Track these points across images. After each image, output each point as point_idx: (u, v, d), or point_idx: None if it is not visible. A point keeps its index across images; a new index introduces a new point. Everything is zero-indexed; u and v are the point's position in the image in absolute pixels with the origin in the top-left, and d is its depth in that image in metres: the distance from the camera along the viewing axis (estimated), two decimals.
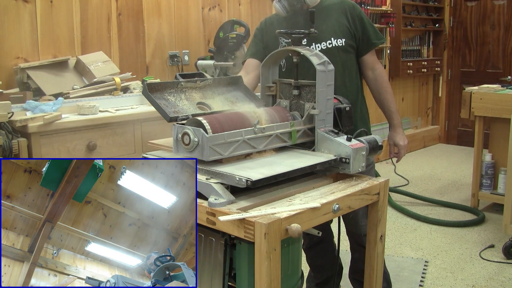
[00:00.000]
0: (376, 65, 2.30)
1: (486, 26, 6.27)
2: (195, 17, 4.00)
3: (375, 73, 2.30)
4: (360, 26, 2.22)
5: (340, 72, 2.21)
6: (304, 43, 2.21)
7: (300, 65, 1.97)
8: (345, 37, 2.21)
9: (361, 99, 2.34)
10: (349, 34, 2.22)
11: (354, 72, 2.29)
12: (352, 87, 2.28)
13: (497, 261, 3.20)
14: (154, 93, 1.76)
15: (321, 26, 2.21)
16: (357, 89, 2.31)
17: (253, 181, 1.46)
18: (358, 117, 2.28)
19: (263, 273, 1.38)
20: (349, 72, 2.26)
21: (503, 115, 3.74)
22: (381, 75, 2.30)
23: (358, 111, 2.30)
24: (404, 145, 2.35)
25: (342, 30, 2.21)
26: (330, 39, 2.21)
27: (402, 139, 2.34)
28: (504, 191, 3.76)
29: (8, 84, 2.97)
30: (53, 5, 3.19)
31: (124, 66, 3.54)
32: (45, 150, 2.46)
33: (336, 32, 2.21)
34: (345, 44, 2.22)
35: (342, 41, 2.21)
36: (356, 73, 2.30)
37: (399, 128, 2.34)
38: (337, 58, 2.20)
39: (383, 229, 1.83)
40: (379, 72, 2.30)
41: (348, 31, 2.22)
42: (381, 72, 2.30)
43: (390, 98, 2.31)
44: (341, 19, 2.21)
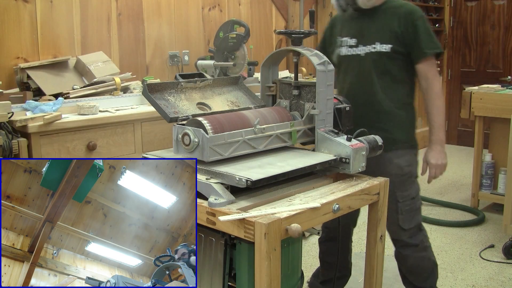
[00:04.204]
0: (429, 74, 2.18)
1: (486, 26, 6.27)
2: (195, 17, 4.00)
3: (426, 83, 2.20)
4: (413, 33, 2.13)
5: (379, 78, 2.19)
6: (353, 43, 2.22)
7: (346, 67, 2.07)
8: (392, 43, 2.15)
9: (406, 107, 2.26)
10: (398, 41, 2.15)
11: (399, 79, 2.22)
12: (392, 94, 2.21)
13: (497, 261, 3.20)
14: (154, 94, 1.76)
15: (370, 29, 2.19)
16: (400, 97, 2.24)
17: (253, 181, 1.46)
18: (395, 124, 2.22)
19: (263, 273, 1.38)
20: (391, 79, 2.20)
21: (503, 115, 3.74)
22: (430, 86, 2.19)
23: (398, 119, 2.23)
24: (436, 164, 2.21)
25: (390, 36, 2.15)
26: (375, 43, 2.17)
27: (435, 158, 2.21)
28: (504, 191, 3.75)
29: (8, 84, 2.97)
30: (53, 5, 3.18)
31: (124, 66, 3.54)
32: (45, 150, 2.46)
33: (383, 37, 2.16)
34: (391, 50, 2.15)
35: (388, 47, 2.15)
36: (402, 81, 2.23)
37: (435, 145, 2.22)
38: (378, 63, 2.18)
39: (383, 229, 1.83)
40: (429, 83, 2.19)
41: (397, 37, 2.15)
42: (431, 83, 2.19)
43: (434, 112, 2.21)
44: (392, 24, 2.15)
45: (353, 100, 2.18)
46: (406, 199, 2.26)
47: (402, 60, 2.19)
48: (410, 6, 2.19)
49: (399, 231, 2.31)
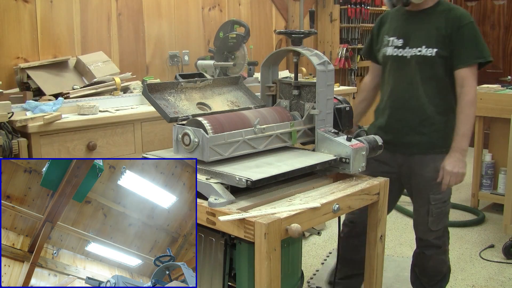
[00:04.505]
0: (465, 82, 2.12)
1: (486, 26, 6.26)
2: (195, 17, 4.00)
3: (460, 90, 2.14)
4: (458, 39, 2.11)
5: (423, 82, 2.18)
6: (400, 44, 2.22)
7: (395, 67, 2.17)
8: (438, 47, 2.13)
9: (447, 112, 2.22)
10: (444, 45, 2.13)
11: (442, 84, 2.19)
12: (435, 99, 2.20)
13: (497, 261, 3.20)
14: (154, 94, 1.76)
15: (418, 31, 2.19)
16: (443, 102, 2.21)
17: (253, 181, 1.46)
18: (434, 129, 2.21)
19: (263, 273, 1.38)
20: (435, 83, 2.18)
21: (503, 115, 3.74)
22: (464, 93, 2.12)
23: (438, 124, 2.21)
24: (452, 171, 2.14)
25: (437, 40, 2.14)
26: (422, 46, 2.16)
27: (451, 165, 2.14)
28: (504, 191, 3.76)
29: (8, 84, 2.97)
30: (53, 5, 3.18)
31: (124, 66, 3.54)
32: (45, 150, 2.46)
33: (430, 40, 2.15)
34: (436, 55, 2.14)
35: (433, 51, 2.14)
36: (446, 86, 2.20)
37: (454, 153, 2.16)
38: (423, 67, 2.17)
39: (383, 229, 1.83)
40: (464, 91, 2.12)
41: (443, 41, 2.13)
42: (466, 91, 2.12)
43: (462, 119, 2.14)
44: (440, 28, 2.14)
45: (395, 102, 2.24)
46: (438, 202, 2.27)
47: (447, 65, 2.16)
48: (461, 10, 2.17)
49: (427, 232, 2.34)
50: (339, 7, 4.93)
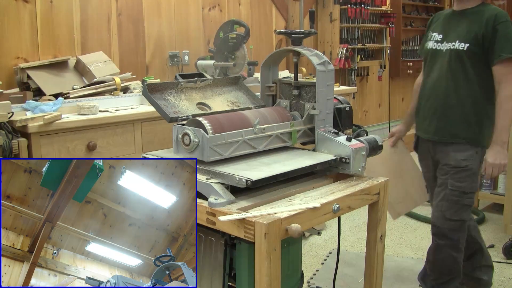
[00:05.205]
0: (502, 77, 2.25)
1: None
2: (195, 17, 4.00)
3: (498, 85, 2.27)
4: (492, 36, 2.24)
5: (453, 74, 2.33)
6: (439, 39, 2.41)
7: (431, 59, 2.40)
8: (470, 43, 2.28)
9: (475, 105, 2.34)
10: (476, 42, 2.27)
11: (471, 78, 2.32)
12: (463, 90, 2.33)
13: (497, 261, 3.19)
14: (154, 94, 1.76)
15: (455, 28, 2.35)
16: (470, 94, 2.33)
17: (253, 181, 1.47)
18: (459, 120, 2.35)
19: (263, 273, 1.38)
20: (464, 76, 2.32)
21: None
22: (502, 88, 2.26)
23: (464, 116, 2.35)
24: (493, 163, 2.28)
25: (470, 36, 2.28)
26: (455, 41, 2.33)
27: (493, 157, 2.29)
28: (504, 191, 3.76)
29: (8, 84, 2.97)
30: (53, 5, 3.18)
31: (124, 66, 3.54)
32: (45, 150, 2.46)
33: (463, 36, 2.31)
34: (467, 49, 2.29)
35: (465, 46, 2.29)
36: (475, 80, 2.32)
37: (495, 145, 2.29)
38: (454, 60, 2.32)
39: (383, 229, 1.83)
40: (501, 86, 2.26)
41: (476, 38, 2.27)
42: (503, 86, 2.25)
43: (501, 114, 2.27)
44: (474, 25, 2.28)
45: (427, 90, 2.44)
46: (457, 190, 2.35)
47: (477, 60, 2.30)
48: (498, 10, 2.29)
49: (440, 218, 2.39)
50: (339, 7, 4.93)
